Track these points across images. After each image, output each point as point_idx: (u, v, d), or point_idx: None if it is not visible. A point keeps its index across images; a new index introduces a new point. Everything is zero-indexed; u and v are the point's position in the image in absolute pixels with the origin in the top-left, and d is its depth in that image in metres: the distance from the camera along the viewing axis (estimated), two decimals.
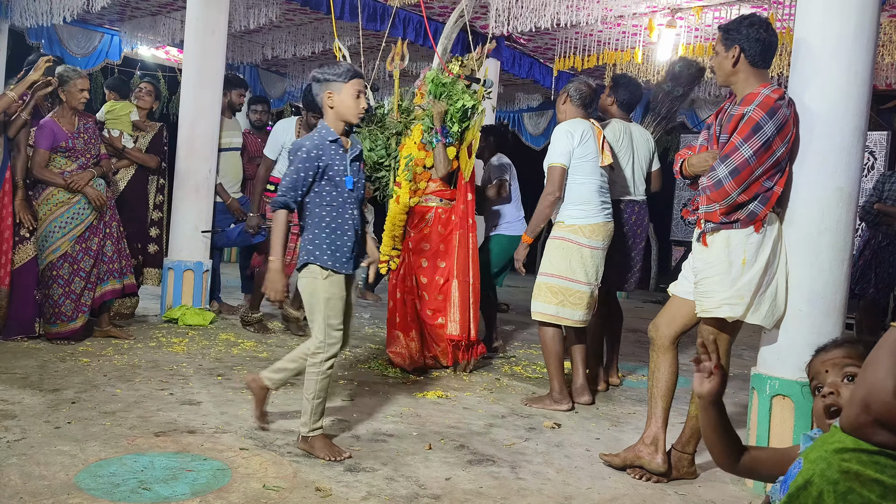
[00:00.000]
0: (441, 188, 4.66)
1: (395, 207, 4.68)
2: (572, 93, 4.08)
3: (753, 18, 2.89)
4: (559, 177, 3.90)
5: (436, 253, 4.64)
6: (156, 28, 8.47)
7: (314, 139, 2.98)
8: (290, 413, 3.47)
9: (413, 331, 4.59)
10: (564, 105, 4.10)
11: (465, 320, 4.57)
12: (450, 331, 4.56)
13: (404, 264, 4.67)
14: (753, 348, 3.45)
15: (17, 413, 3.17)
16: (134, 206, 5.63)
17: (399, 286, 4.65)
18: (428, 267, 4.64)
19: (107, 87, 6.24)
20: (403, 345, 4.56)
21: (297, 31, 8.52)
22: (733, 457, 1.66)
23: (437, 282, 4.63)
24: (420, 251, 4.65)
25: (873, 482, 1.18)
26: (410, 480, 2.75)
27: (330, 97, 2.99)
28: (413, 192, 4.64)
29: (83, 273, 4.64)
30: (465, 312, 4.57)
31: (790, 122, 2.79)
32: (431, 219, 4.65)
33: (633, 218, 4.40)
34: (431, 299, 4.62)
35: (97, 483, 2.50)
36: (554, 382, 3.97)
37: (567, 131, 3.95)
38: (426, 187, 4.66)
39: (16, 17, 7.90)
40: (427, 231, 4.65)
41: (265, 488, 2.55)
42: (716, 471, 3.19)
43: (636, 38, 7.37)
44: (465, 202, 4.66)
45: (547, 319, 3.96)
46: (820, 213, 2.84)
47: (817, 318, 2.86)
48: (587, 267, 3.92)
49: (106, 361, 4.22)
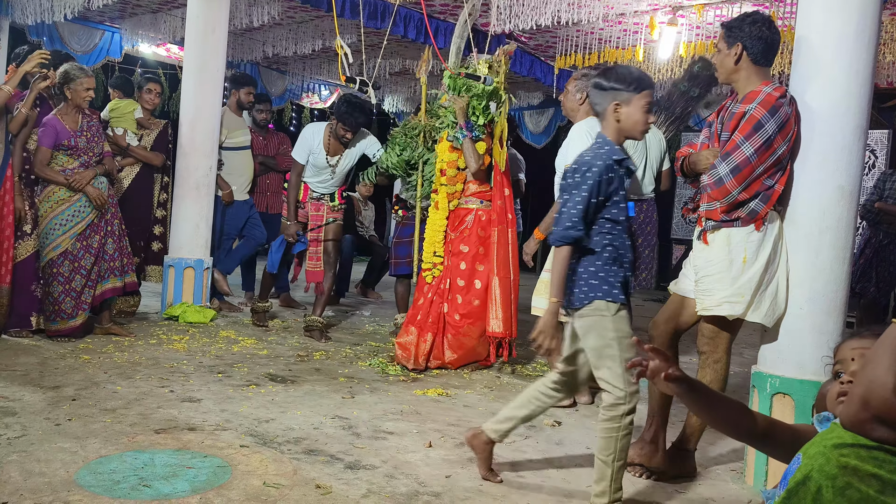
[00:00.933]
0: (481, 189, 4.63)
1: (435, 214, 4.67)
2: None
3: (756, 16, 2.89)
4: None
5: (475, 256, 4.60)
6: (157, 25, 8.47)
7: (602, 157, 2.54)
8: (291, 411, 3.48)
9: (429, 333, 4.55)
10: (582, 106, 4.02)
11: (508, 317, 4.55)
12: (492, 328, 4.53)
13: (444, 267, 4.66)
14: (754, 346, 3.45)
15: (18, 410, 3.18)
16: (138, 204, 5.64)
17: (434, 288, 4.63)
18: (466, 270, 4.61)
19: (111, 85, 6.25)
20: (413, 342, 4.54)
21: (298, 29, 8.50)
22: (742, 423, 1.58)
23: (473, 285, 4.59)
24: (458, 253, 4.62)
25: (872, 477, 1.19)
26: (410, 478, 2.75)
27: (617, 110, 2.57)
28: (451, 195, 4.63)
29: (84, 271, 4.64)
30: (508, 309, 4.55)
31: (791, 121, 2.79)
32: (471, 221, 4.63)
33: (641, 216, 4.45)
34: (464, 303, 4.59)
35: (97, 480, 2.50)
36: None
37: (586, 131, 3.90)
38: (465, 189, 4.64)
39: (17, 14, 7.89)
40: (467, 234, 4.62)
41: (265, 485, 2.55)
42: (716, 469, 3.19)
43: (637, 35, 7.36)
44: (501, 197, 4.60)
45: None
46: (821, 212, 2.84)
47: (818, 316, 2.85)
48: None
49: (106, 358, 4.23)
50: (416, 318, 4.61)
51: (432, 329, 4.57)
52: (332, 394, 3.85)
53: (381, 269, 7.72)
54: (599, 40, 7.65)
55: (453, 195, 4.64)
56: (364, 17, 6.50)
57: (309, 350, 4.91)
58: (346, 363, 4.62)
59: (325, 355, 4.79)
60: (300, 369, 4.36)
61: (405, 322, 4.70)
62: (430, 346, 4.56)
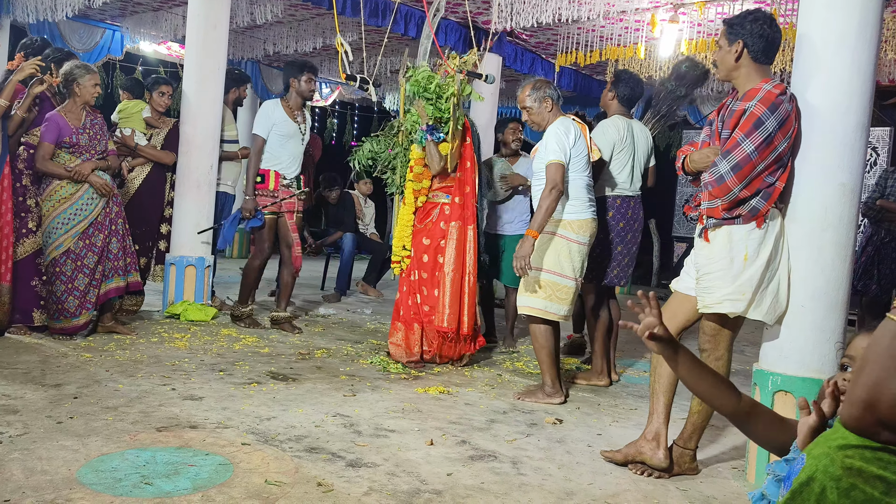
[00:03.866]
0: (447, 184, 4.66)
1: (403, 209, 4.70)
2: (552, 95, 4.07)
3: (757, 14, 2.88)
4: (560, 173, 3.90)
5: (436, 248, 4.65)
6: (158, 23, 8.47)
7: None
8: (293, 409, 3.48)
9: (415, 324, 4.62)
10: (551, 112, 4.07)
11: (456, 312, 4.56)
12: (437, 322, 4.56)
13: (410, 259, 4.70)
14: (755, 344, 3.46)
15: (20, 408, 3.18)
16: (149, 204, 5.65)
17: (405, 281, 4.68)
18: (428, 262, 4.65)
19: (121, 87, 6.27)
20: (403, 337, 4.61)
21: (299, 27, 8.51)
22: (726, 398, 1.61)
23: (436, 277, 4.64)
24: (421, 246, 4.67)
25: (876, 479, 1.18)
26: (412, 476, 2.76)
27: None
28: (418, 191, 4.65)
29: (87, 270, 4.64)
30: (456, 305, 4.56)
31: (792, 118, 2.78)
32: (436, 214, 4.67)
33: (629, 213, 4.49)
34: (430, 295, 4.64)
35: (99, 478, 2.50)
36: (546, 376, 4.00)
37: (562, 130, 3.96)
38: (432, 185, 4.67)
39: (18, 12, 7.90)
40: (430, 226, 4.66)
41: (267, 483, 2.55)
42: (718, 467, 3.19)
43: (638, 33, 7.35)
44: (461, 194, 4.64)
45: (535, 314, 3.97)
46: (822, 209, 2.83)
47: (819, 314, 2.85)
48: (574, 262, 3.95)
49: (108, 357, 4.23)
50: (400, 315, 4.67)
51: (416, 320, 4.62)
52: (333, 392, 3.85)
53: (381, 267, 7.72)
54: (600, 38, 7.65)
55: (419, 191, 4.67)
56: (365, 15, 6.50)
57: (310, 348, 4.91)
58: (347, 361, 4.62)
59: (326, 353, 4.79)
60: (301, 367, 4.36)
61: (392, 320, 4.74)
62: (419, 336, 4.60)
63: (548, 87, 4.10)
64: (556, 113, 4.08)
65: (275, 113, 5.30)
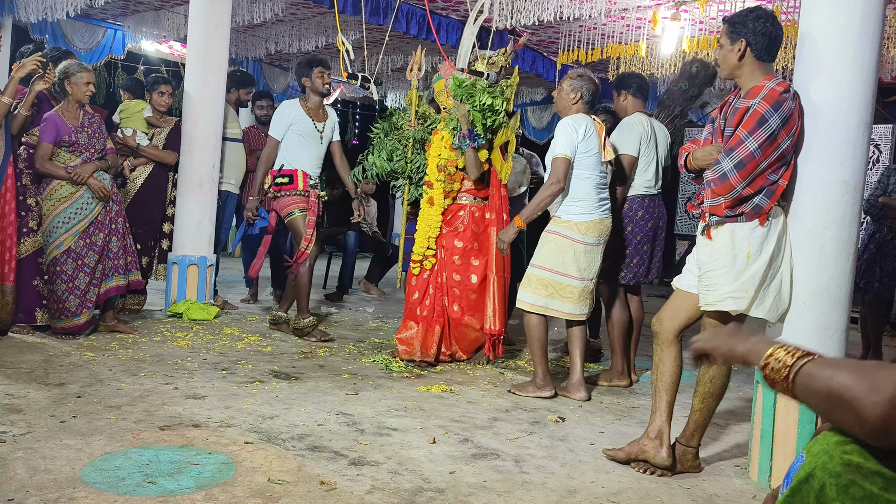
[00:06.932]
0: (474, 187, 4.67)
1: (430, 209, 4.68)
2: (585, 92, 4.05)
3: (759, 11, 2.87)
4: (564, 168, 3.90)
5: (469, 251, 4.65)
6: (159, 23, 8.47)
7: None
8: (295, 407, 3.48)
9: (437, 326, 4.62)
10: (575, 105, 4.05)
11: (503, 315, 4.63)
12: (489, 325, 4.59)
13: (438, 260, 4.69)
14: None
15: (23, 407, 3.19)
16: (151, 203, 5.64)
17: (432, 281, 4.67)
18: (461, 265, 4.65)
19: (122, 87, 6.26)
20: (418, 336, 4.59)
21: (301, 26, 8.51)
22: None
23: (469, 279, 4.64)
24: (453, 248, 4.66)
25: (875, 474, 1.18)
26: (414, 474, 2.76)
27: None
28: (447, 193, 4.65)
29: (87, 269, 4.65)
30: (503, 308, 4.62)
31: (795, 115, 2.78)
32: (465, 216, 4.67)
33: (655, 211, 4.50)
34: (462, 297, 4.65)
35: (102, 477, 2.51)
36: (538, 369, 4.01)
37: (572, 125, 3.95)
38: (460, 187, 4.68)
39: (20, 11, 7.91)
40: (461, 229, 4.66)
41: (270, 482, 2.56)
42: (720, 464, 3.19)
43: (640, 31, 7.34)
44: (499, 198, 4.65)
45: (534, 310, 3.97)
46: (825, 207, 2.83)
47: (822, 311, 2.85)
48: (580, 263, 3.94)
49: (111, 356, 4.24)
50: (416, 313, 4.66)
51: (439, 322, 4.63)
52: (335, 390, 3.86)
53: (384, 265, 7.72)
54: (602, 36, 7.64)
55: (450, 193, 4.66)
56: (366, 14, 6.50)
57: (312, 347, 4.91)
58: (349, 360, 4.63)
59: (328, 352, 4.79)
60: (304, 366, 4.36)
61: (404, 317, 4.75)
62: (438, 338, 4.61)
63: (588, 84, 4.05)
64: (579, 108, 4.05)
65: (291, 112, 5.22)
